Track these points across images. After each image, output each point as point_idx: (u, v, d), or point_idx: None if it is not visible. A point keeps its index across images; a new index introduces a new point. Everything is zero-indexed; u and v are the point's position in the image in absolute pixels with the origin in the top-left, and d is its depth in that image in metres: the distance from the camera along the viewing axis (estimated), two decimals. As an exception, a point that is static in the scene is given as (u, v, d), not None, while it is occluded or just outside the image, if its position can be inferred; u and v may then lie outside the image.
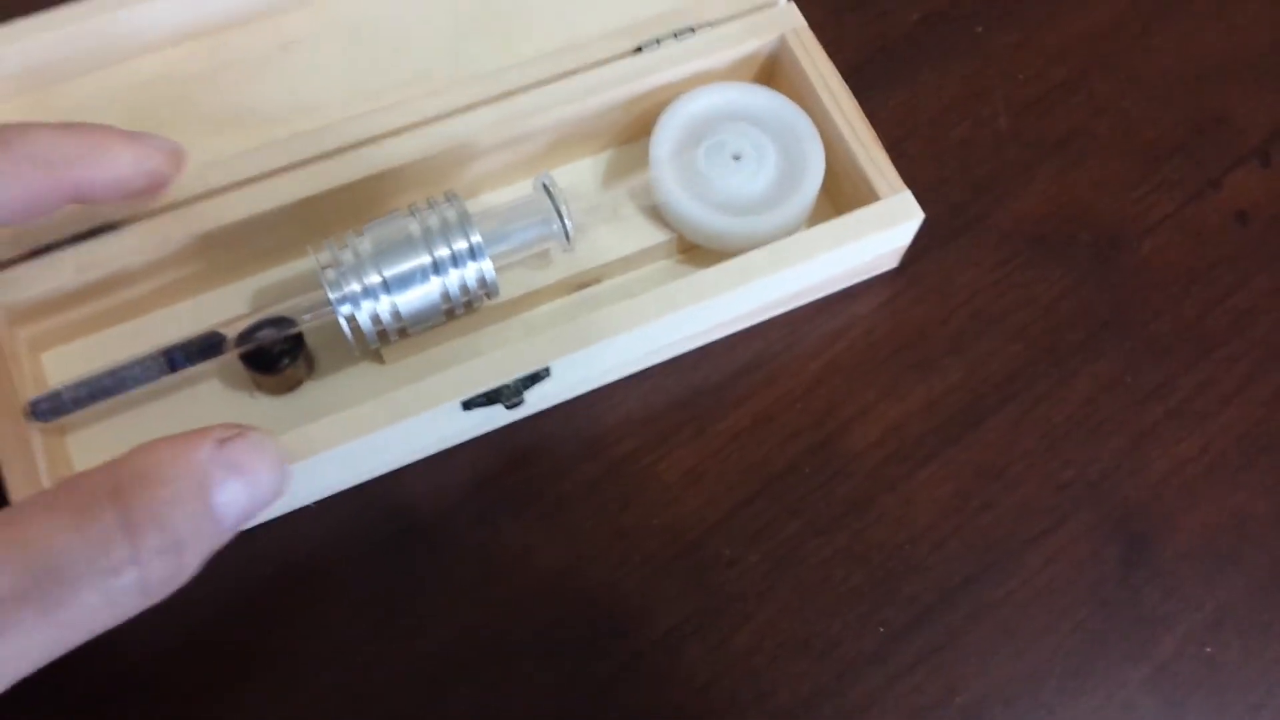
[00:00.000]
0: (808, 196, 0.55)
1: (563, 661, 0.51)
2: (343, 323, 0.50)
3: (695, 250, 0.58)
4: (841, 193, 0.57)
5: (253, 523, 0.50)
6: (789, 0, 0.59)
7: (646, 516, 0.53)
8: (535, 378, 0.50)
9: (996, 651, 0.51)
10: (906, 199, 0.54)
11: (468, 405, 0.50)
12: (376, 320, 0.50)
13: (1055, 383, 0.56)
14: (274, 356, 0.51)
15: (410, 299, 0.50)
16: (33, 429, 0.49)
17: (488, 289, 0.51)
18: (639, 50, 0.57)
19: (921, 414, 0.56)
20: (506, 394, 0.50)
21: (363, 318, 0.49)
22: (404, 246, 0.50)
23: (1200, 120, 0.63)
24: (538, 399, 0.53)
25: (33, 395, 0.49)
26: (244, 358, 0.51)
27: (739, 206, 0.55)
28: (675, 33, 0.58)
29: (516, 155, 0.57)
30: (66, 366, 0.54)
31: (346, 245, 0.50)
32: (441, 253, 0.50)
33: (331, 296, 0.49)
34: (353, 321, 0.50)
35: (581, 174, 0.59)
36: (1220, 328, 0.58)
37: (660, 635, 0.51)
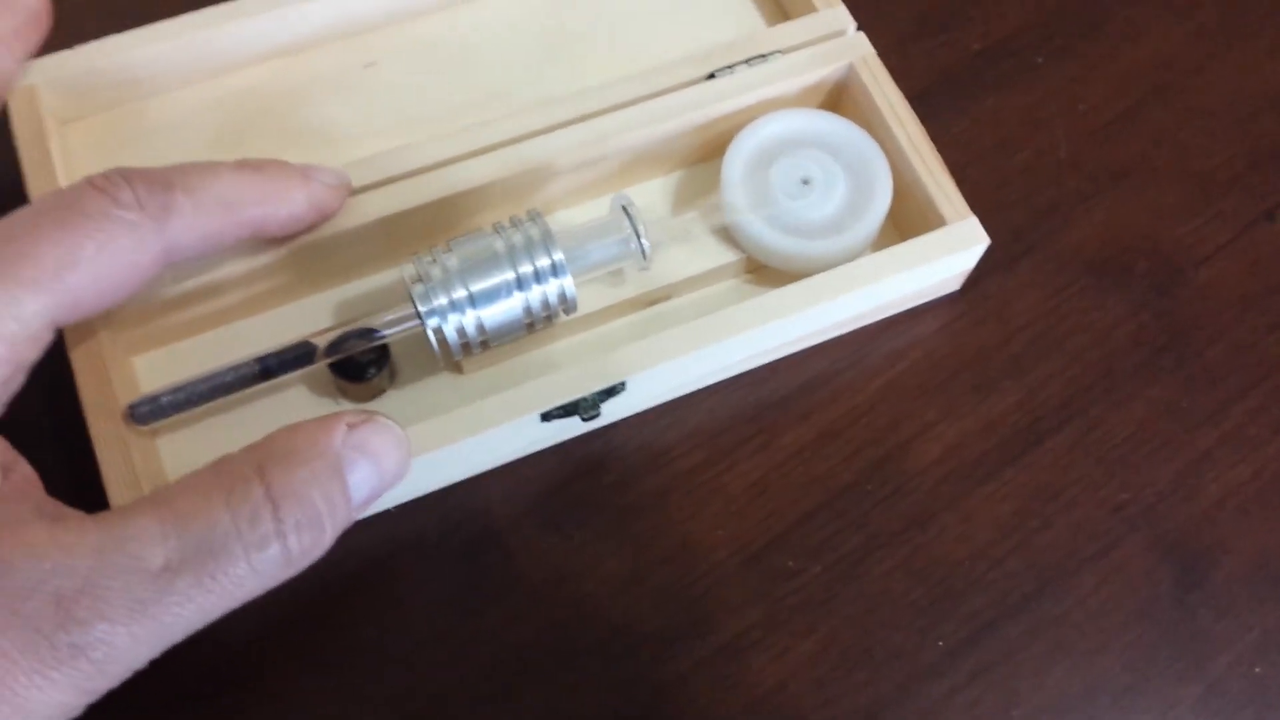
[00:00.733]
0: (875, 221, 0.57)
1: (630, 665, 0.52)
2: (430, 335, 0.52)
3: (762, 270, 0.59)
4: (907, 217, 0.59)
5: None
6: (858, 29, 0.61)
7: (712, 527, 0.55)
8: (611, 391, 0.52)
9: (1052, 668, 0.53)
10: (972, 225, 0.56)
11: (546, 417, 0.52)
12: (462, 333, 0.52)
13: (1111, 407, 0.58)
14: (361, 366, 0.53)
15: (494, 313, 0.52)
16: (129, 431, 0.51)
17: (566, 305, 0.53)
18: (712, 76, 0.59)
19: (981, 434, 0.57)
20: (584, 407, 0.52)
21: (449, 331, 0.51)
22: (490, 263, 0.52)
23: (1256, 152, 0.65)
24: (609, 411, 0.55)
25: (126, 398, 0.52)
26: (332, 366, 0.53)
27: (808, 229, 0.57)
28: (748, 60, 0.59)
29: (592, 175, 0.59)
30: (157, 370, 0.56)
31: (435, 261, 0.52)
32: (525, 269, 0.52)
33: (421, 310, 0.51)
34: (439, 334, 0.52)
35: (652, 194, 0.61)
36: (1273, 355, 0.59)
37: (725, 642, 0.53)
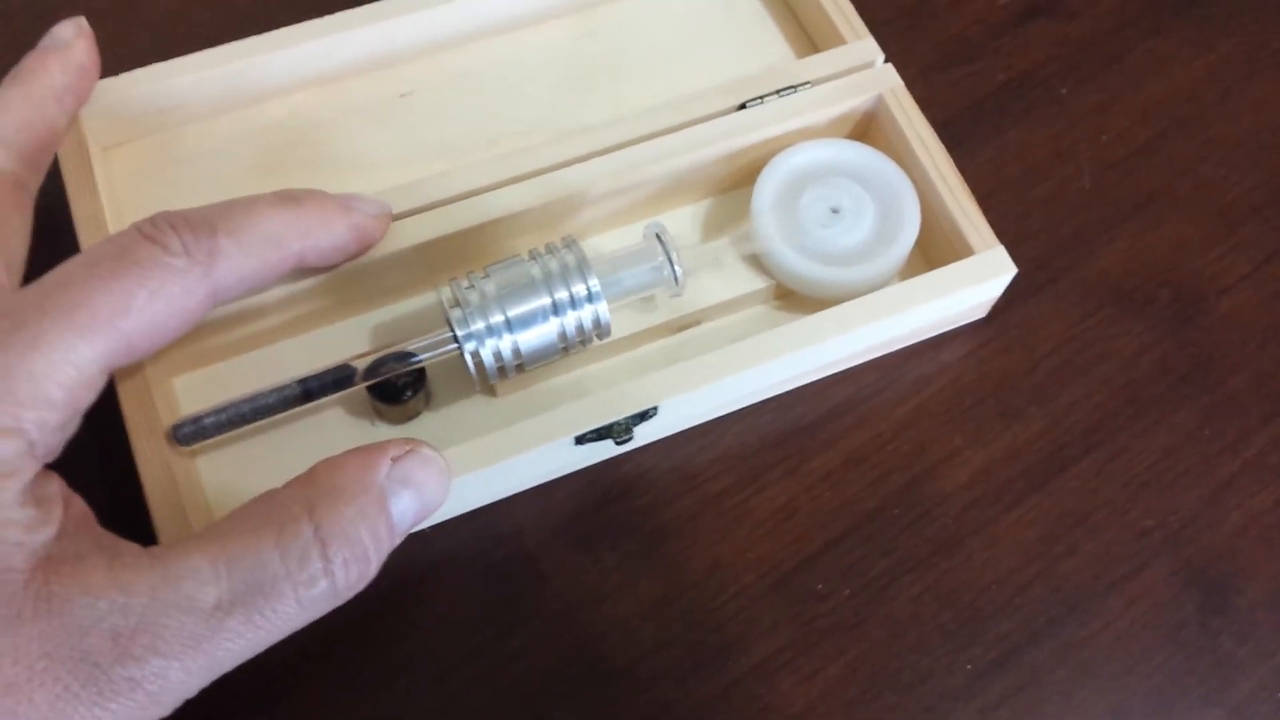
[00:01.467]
0: (903, 249, 0.58)
1: (660, 688, 0.53)
2: (467, 359, 0.53)
3: (791, 296, 0.60)
4: (934, 245, 0.60)
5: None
6: (886, 61, 0.62)
7: (741, 550, 0.56)
8: (644, 416, 0.53)
9: (1078, 691, 0.53)
10: (1000, 254, 0.57)
11: (580, 440, 0.53)
12: (498, 357, 0.53)
13: (1135, 434, 0.59)
14: (398, 388, 0.54)
15: (530, 338, 0.53)
16: (171, 451, 0.52)
17: (601, 330, 0.54)
18: (743, 106, 0.60)
19: (1007, 460, 0.58)
20: (617, 430, 0.53)
21: (486, 355, 0.52)
22: (526, 289, 0.53)
23: (1276, 184, 0.66)
24: (640, 435, 0.56)
25: (168, 418, 0.53)
26: (370, 389, 0.54)
27: (836, 257, 0.58)
28: (778, 91, 0.61)
29: (624, 203, 0.60)
30: (196, 391, 0.57)
31: (472, 286, 0.53)
32: (561, 295, 0.53)
33: (459, 334, 0.52)
34: (476, 357, 0.53)
35: (683, 221, 0.62)
36: (1296, 384, 0.60)
37: (756, 664, 0.53)
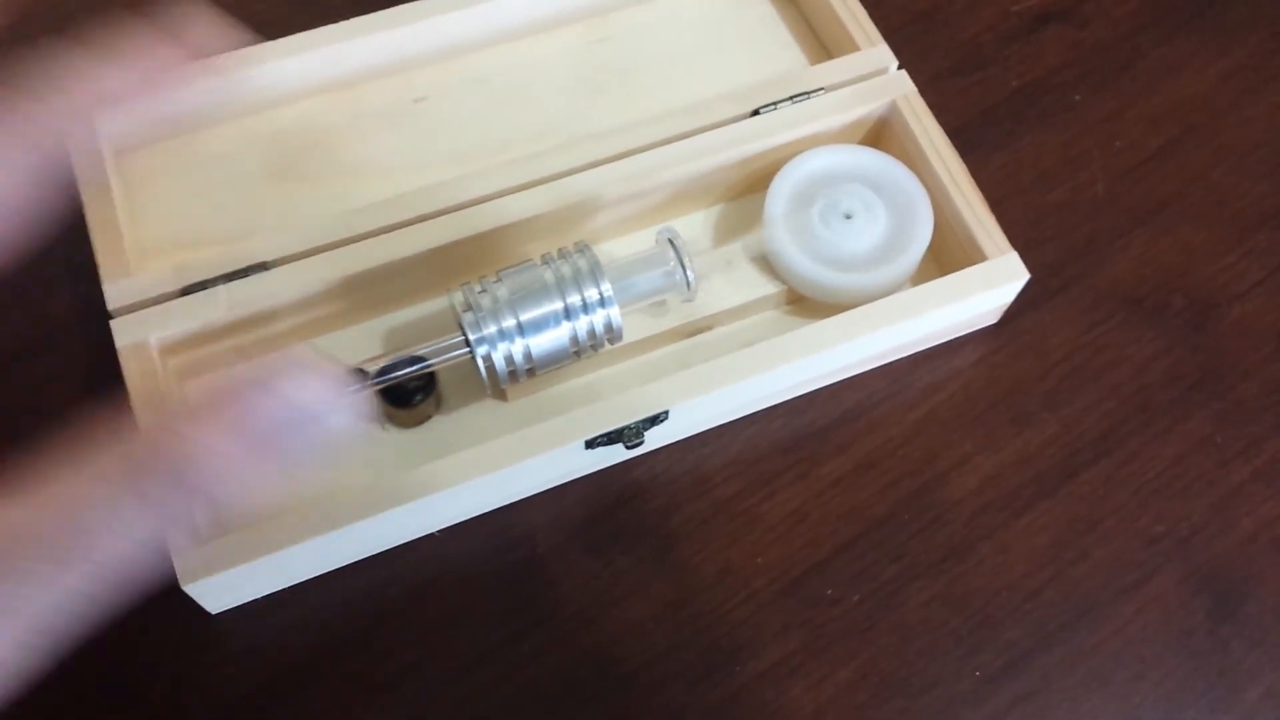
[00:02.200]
0: (915, 255, 0.58)
1: (671, 691, 0.53)
2: (479, 362, 0.53)
3: (802, 301, 0.60)
4: (947, 250, 0.60)
5: (382, 548, 0.54)
6: (899, 67, 0.62)
7: (752, 554, 0.56)
8: (655, 420, 0.53)
9: (1088, 697, 0.53)
10: (1012, 259, 0.57)
11: (591, 444, 0.53)
12: (510, 361, 0.53)
13: (1146, 441, 0.59)
14: (409, 392, 0.55)
15: (542, 342, 0.53)
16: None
17: (612, 334, 0.54)
18: (757, 113, 0.60)
19: (1018, 466, 0.58)
20: (628, 435, 0.53)
21: (498, 359, 0.53)
22: (539, 293, 0.53)
23: (1290, 190, 0.66)
24: (651, 439, 0.56)
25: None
26: (381, 392, 0.54)
27: (849, 262, 0.58)
28: (792, 97, 0.61)
29: (636, 208, 0.60)
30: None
31: (484, 290, 0.53)
32: (573, 300, 0.53)
33: (471, 337, 0.52)
34: (488, 361, 0.53)
35: (695, 226, 0.62)
36: (1307, 392, 0.60)
37: (766, 669, 0.54)
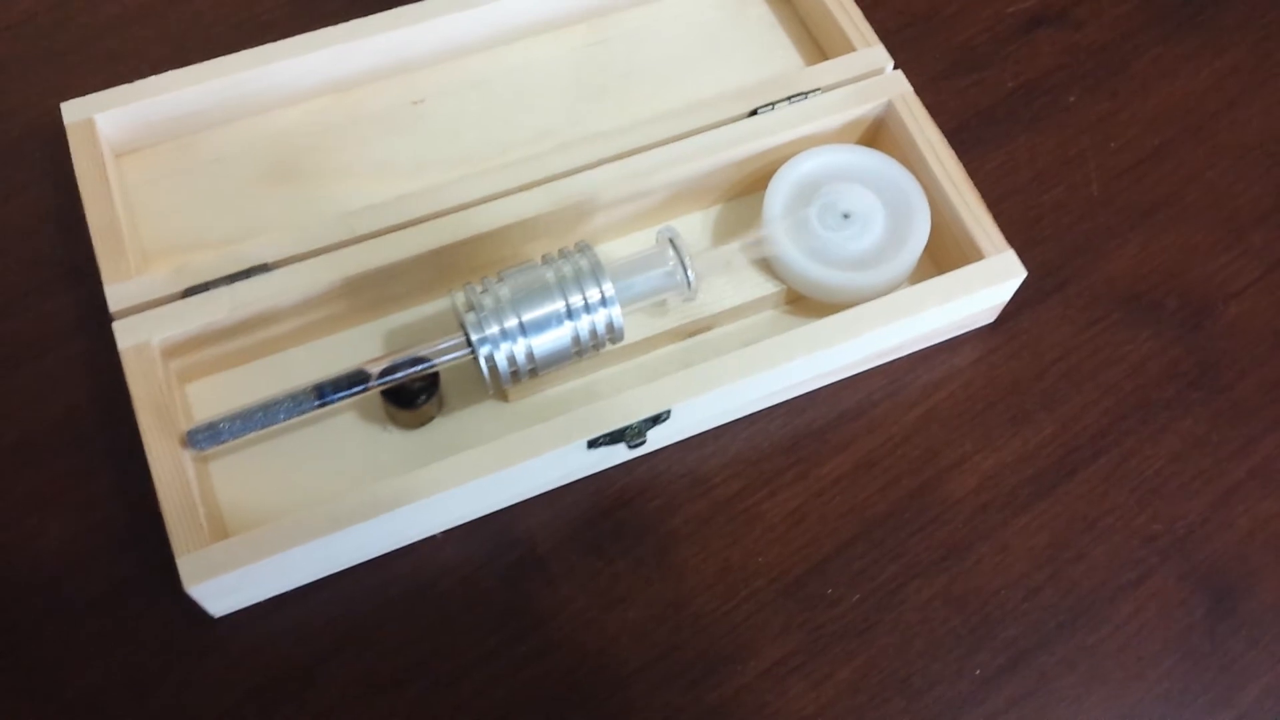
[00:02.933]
0: (913, 254, 0.58)
1: (671, 691, 0.53)
2: (482, 363, 0.53)
3: (801, 300, 0.61)
4: (944, 249, 0.60)
5: (383, 550, 0.54)
6: (895, 68, 0.63)
7: (752, 554, 0.56)
8: (656, 419, 0.54)
9: (1088, 696, 0.54)
10: (1009, 258, 0.57)
11: (593, 444, 0.53)
12: (512, 361, 0.53)
13: (1143, 439, 0.59)
14: (413, 393, 0.55)
15: (544, 342, 0.53)
16: (185, 456, 0.52)
17: (614, 334, 0.55)
18: (754, 113, 0.61)
19: (1016, 465, 0.58)
20: (630, 434, 0.53)
21: (500, 359, 0.53)
22: (540, 293, 0.53)
23: (1284, 190, 0.66)
24: (653, 439, 0.56)
25: (180, 423, 0.53)
26: (384, 393, 0.54)
27: (847, 262, 0.58)
28: (789, 97, 0.61)
29: (636, 208, 0.60)
30: (209, 396, 0.57)
31: (486, 290, 0.53)
32: (575, 300, 0.53)
33: (473, 337, 0.52)
34: (490, 361, 0.53)
35: (694, 226, 0.63)
36: (1303, 391, 0.60)
37: (766, 668, 0.54)
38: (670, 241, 0.56)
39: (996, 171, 0.66)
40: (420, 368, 0.53)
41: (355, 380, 0.53)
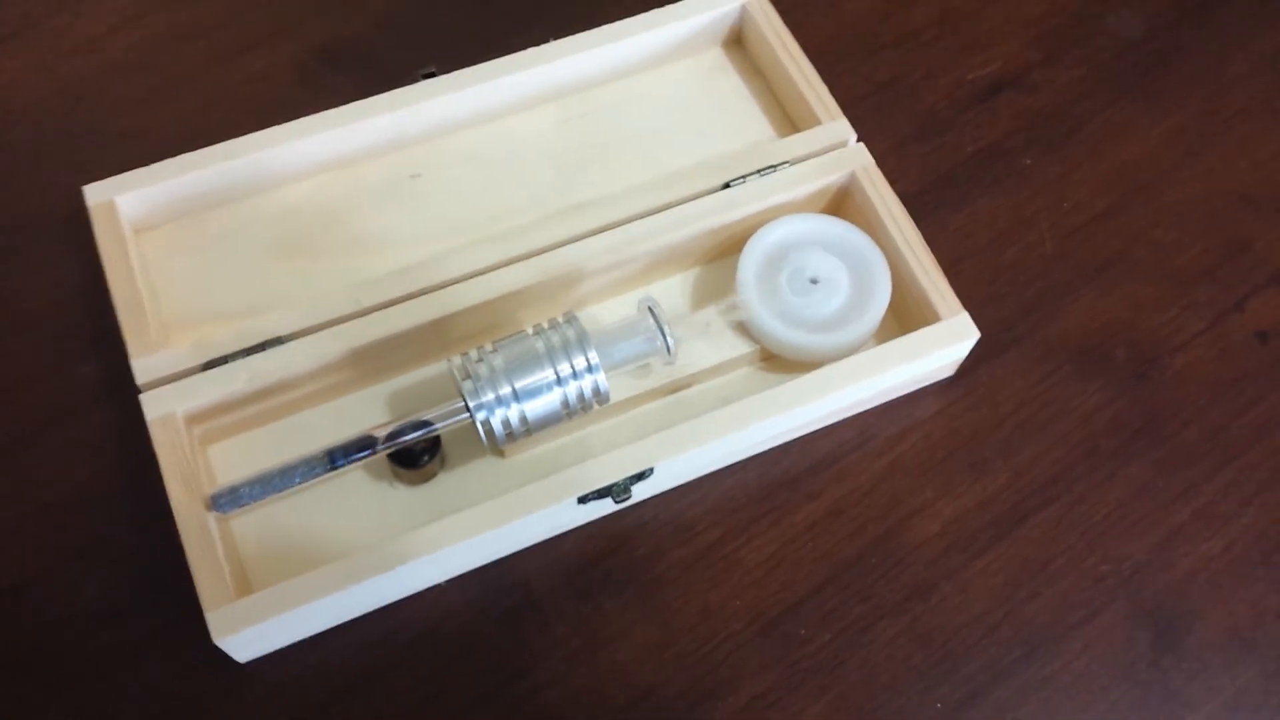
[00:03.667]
0: (875, 316, 0.63)
1: (659, 725, 0.58)
2: (479, 427, 0.57)
3: (774, 359, 0.65)
4: (905, 309, 0.65)
5: (393, 599, 0.58)
6: (858, 140, 0.67)
7: (731, 597, 0.61)
8: (640, 476, 0.58)
9: (1041, 725, 0.58)
10: (964, 320, 0.62)
11: (583, 499, 0.58)
12: (507, 424, 0.58)
13: (1093, 485, 0.64)
14: (416, 454, 0.59)
15: (536, 407, 0.58)
16: (210, 517, 0.57)
17: (600, 397, 0.59)
18: (727, 186, 0.65)
19: (975, 511, 0.63)
20: (616, 490, 0.58)
21: (495, 423, 0.57)
22: (532, 362, 0.58)
23: (1229, 245, 0.71)
24: (638, 492, 0.61)
25: (204, 486, 0.58)
26: (390, 455, 0.59)
27: (815, 324, 0.63)
28: (759, 170, 0.66)
29: (618, 275, 0.65)
30: (230, 457, 0.62)
31: (481, 360, 0.58)
32: (563, 368, 0.58)
33: (471, 404, 0.57)
34: (487, 426, 0.57)
35: (673, 289, 0.67)
36: (1242, 438, 0.65)
37: (745, 704, 0.58)
38: (650, 311, 0.60)
39: (958, 232, 0.71)
40: (422, 432, 0.58)
41: (363, 445, 0.57)
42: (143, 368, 0.59)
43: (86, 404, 0.64)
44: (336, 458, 0.57)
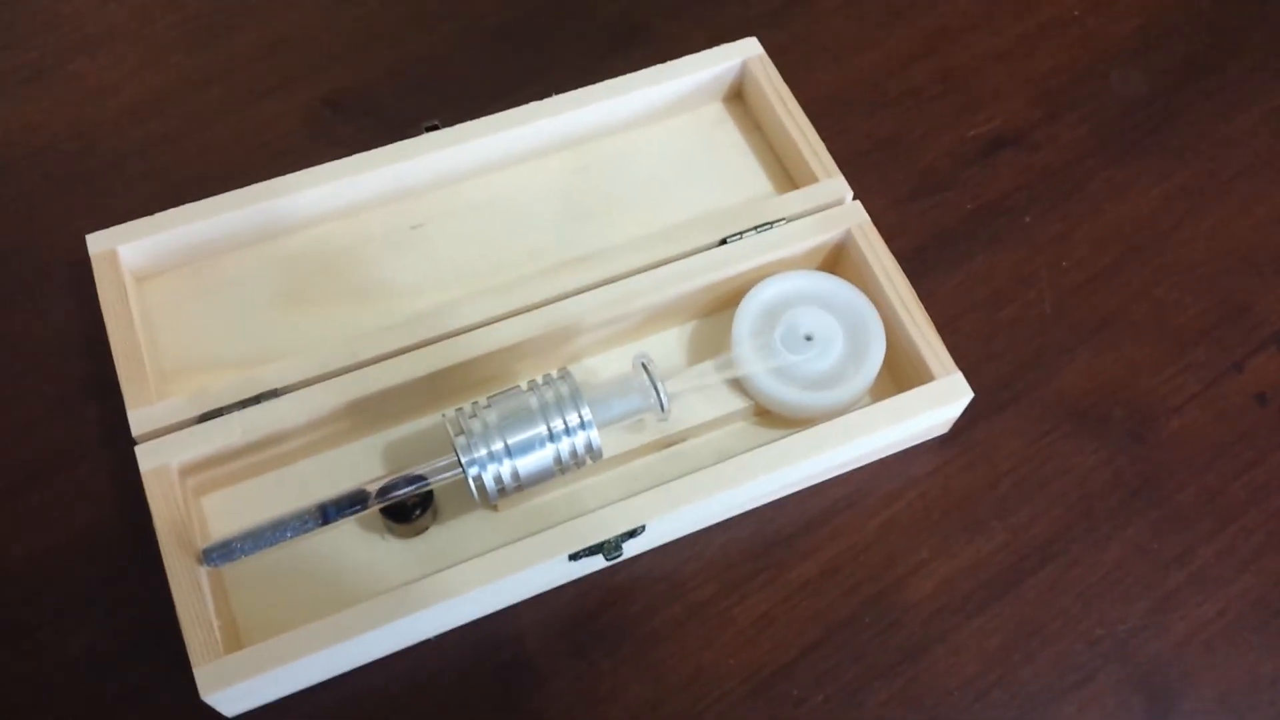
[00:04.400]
0: (870, 373, 0.63)
1: (648, 785, 0.58)
2: (470, 483, 0.58)
3: (768, 414, 0.65)
4: (900, 367, 0.65)
5: (384, 653, 0.58)
6: (855, 198, 0.67)
7: (724, 655, 0.60)
8: (631, 533, 0.58)
9: (1033, 791, 0.58)
10: (958, 380, 0.62)
11: (574, 556, 0.58)
12: (498, 480, 0.58)
13: (1089, 547, 0.63)
14: (408, 508, 0.59)
15: (528, 463, 0.58)
16: (201, 571, 0.57)
17: (593, 454, 0.59)
18: (724, 242, 0.66)
19: (970, 571, 0.63)
20: (608, 548, 0.58)
21: (488, 479, 0.57)
22: (524, 418, 0.58)
23: (1227, 306, 0.71)
24: (629, 548, 0.61)
25: (196, 538, 0.58)
26: (382, 510, 0.59)
27: (810, 381, 0.63)
28: (756, 227, 0.66)
29: (615, 329, 0.65)
30: (224, 508, 0.62)
31: (475, 415, 0.58)
32: (556, 424, 0.58)
33: (463, 460, 0.57)
34: (479, 481, 0.58)
35: (668, 343, 0.67)
36: (1239, 500, 0.65)
37: (735, 765, 0.58)
38: (645, 368, 0.61)
39: (956, 290, 0.71)
40: (415, 487, 0.58)
41: (355, 500, 0.57)
42: (139, 419, 0.59)
43: (86, 450, 0.65)
44: (329, 512, 0.57)
